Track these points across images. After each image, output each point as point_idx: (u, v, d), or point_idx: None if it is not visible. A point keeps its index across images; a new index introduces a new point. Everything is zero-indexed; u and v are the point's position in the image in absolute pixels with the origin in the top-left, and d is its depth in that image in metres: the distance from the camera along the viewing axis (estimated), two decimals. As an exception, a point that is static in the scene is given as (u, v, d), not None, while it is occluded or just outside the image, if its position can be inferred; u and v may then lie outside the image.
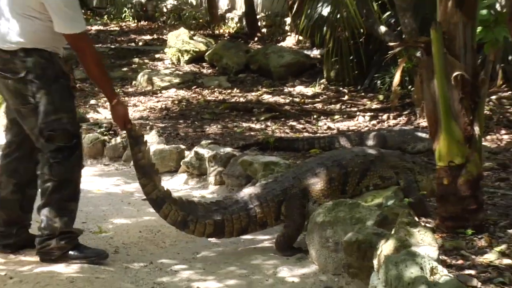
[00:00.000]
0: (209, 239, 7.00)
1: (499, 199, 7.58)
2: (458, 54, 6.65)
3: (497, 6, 8.66)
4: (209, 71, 15.30)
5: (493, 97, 11.61)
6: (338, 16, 13.18)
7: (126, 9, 24.43)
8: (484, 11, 7.42)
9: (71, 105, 6.62)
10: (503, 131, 10.45)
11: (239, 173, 8.48)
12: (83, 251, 6.46)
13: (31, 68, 6.30)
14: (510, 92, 12.16)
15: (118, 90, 12.90)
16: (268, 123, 11.42)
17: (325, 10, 13.83)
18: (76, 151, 6.48)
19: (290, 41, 16.29)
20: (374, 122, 11.38)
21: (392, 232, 5.37)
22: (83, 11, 6.96)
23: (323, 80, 13.99)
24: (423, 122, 8.53)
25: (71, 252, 6.43)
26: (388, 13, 12.51)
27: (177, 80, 14.31)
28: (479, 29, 6.73)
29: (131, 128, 6.79)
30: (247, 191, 7.04)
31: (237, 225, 6.76)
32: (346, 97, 13.02)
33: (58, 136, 6.36)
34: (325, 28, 13.90)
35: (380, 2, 12.54)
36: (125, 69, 16.66)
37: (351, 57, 13.36)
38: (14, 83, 6.35)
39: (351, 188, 6.91)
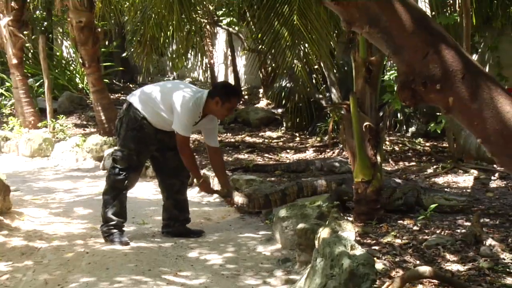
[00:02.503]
0: (208, 230, 7.04)
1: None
2: (366, 112, 6.69)
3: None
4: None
5: (388, 138, 11.66)
6: (293, 87, 13.27)
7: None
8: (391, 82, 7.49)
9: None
10: (394, 160, 10.51)
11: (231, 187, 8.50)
12: (118, 236, 6.39)
13: None
14: (398, 135, 12.24)
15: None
16: (249, 155, 11.41)
17: (285, 83, 13.94)
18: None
19: (262, 103, 16.30)
20: (316, 154, 11.38)
21: (327, 223, 5.38)
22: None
23: (283, 128, 13.98)
24: (346, 154, 8.55)
25: (114, 235, 6.39)
26: (324, 85, 12.53)
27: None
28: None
29: (215, 192, 7.33)
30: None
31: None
32: (298, 139, 13.02)
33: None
34: (283, 95, 13.99)
35: (320, 78, 12.56)
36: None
37: (300, 113, 13.38)
38: None
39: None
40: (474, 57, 11.43)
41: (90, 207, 7.94)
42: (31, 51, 18.39)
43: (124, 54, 19.26)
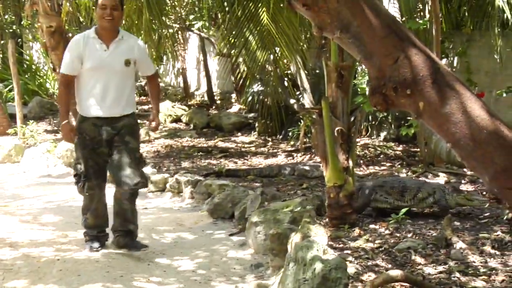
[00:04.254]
0: (181, 236, 7.01)
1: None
2: (338, 116, 6.72)
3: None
4: (185, 127, 15.27)
5: (360, 143, 11.72)
6: (265, 92, 13.30)
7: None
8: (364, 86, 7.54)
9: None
10: (366, 165, 10.56)
11: (203, 191, 8.48)
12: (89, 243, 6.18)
13: None
14: (370, 139, 12.31)
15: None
16: (221, 160, 11.40)
17: (257, 88, 13.95)
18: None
19: (235, 108, 16.32)
20: (288, 159, 11.40)
21: (299, 228, 5.41)
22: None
23: (255, 133, 13.99)
24: (318, 159, 8.57)
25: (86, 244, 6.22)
26: (296, 90, 12.55)
27: (164, 133, 14.26)
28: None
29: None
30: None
31: None
32: (270, 143, 13.03)
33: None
34: (255, 100, 14.01)
35: (291, 83, 12.58)
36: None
37: (272, 118, 13.41)
38: None
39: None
40: (444, 62, 11.52)
41: (61, 213, 7.87)
42: (0, 56, 18.22)
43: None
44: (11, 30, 19.40)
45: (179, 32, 16.53)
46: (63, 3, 11.85)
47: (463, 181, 8.79)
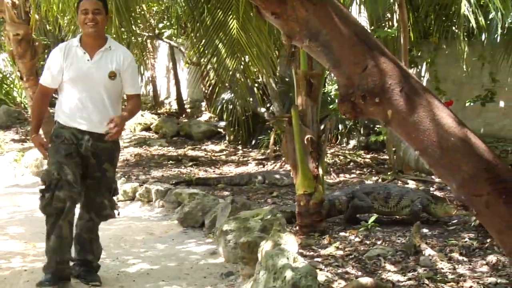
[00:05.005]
0: (151, 245, 6.98)
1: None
2: (308, 125, 6.75)
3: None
4: (154, 136, 15.24)
5: (330, 151, 11.77)
6: (235, 100, 13.32)
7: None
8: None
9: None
10: (336, 173, 10.61)
11: (173, 200, 8.47)
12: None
13: None
14: (340, 147, 12.37)
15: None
16: (191, 168, 11.39)
17: (227, 97, 13.94)
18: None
19: (205, 117, 16.33)
20: (258, 167, 11.41)
21: (270, 236, 5.41)
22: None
23: (225, 141, 14.01)
24: (288, 167, 8.59)
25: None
26: (266, 99, 12.59)
27: (134, 142, 14.22)
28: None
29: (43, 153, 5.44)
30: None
31: None
32: (240, 152, 13.05)
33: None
34: (225, 108, 14.01)
35: (261, 91, 12.61)
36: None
37: (242, 126, 13.44)
38: None
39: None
40: (412, 71, 11.62)
41: (28, 223, 7.80)
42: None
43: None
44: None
45: (149, 41, 16.50)
46: (31, 11, 11.76)
47: (431, 188, 8.86)
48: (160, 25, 16.25)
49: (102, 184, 5.28)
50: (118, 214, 5.64)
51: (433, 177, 9.24)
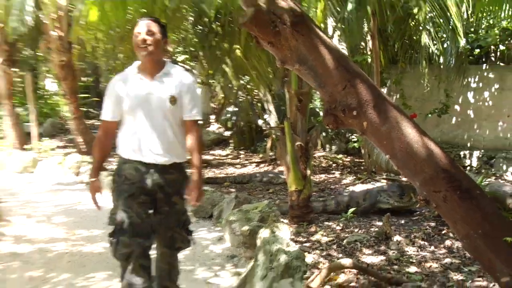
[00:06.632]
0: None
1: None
2: (298, 133, 6.74)
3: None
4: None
5: (316, 155, 11.75)
6: (239, 114, 13.30)
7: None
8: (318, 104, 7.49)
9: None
10: (320, 173, 10.57)
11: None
12: None
13: None
14: (324, 152, 12.33)
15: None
16: (202, 170, 11.35)
17: (232, 110, 13.94)
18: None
19: (214, 127, 16.30)
20: (257, 168, 11.38)
21: (267, 225, 5.39)
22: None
23: (230, 147, 13.99)
24: (282, 168, 8.58)
25: None
26: (263, 112, 12.56)
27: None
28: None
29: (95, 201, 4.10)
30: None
31: None
32: (242, 156, 13.02)
33: None
34: (230, 120, 14.00)
35: (260, 106, 12.60)
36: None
37: (244, 135, 13.40)
38: None
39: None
40: (383, 90, 11.62)
41: (70, 215, 7.77)
42: (20, 85, 18.04)
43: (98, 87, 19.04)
44: (28, 64, 19.15)
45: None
46: (72, 42, 11.78)
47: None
48: (176, 50, 16.23)
49: (171, 218, 4.07)
50: (194, 243, 4.38)
51: (400, 176, 9.22)
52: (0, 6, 11.59)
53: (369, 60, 10.32)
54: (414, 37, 10.62)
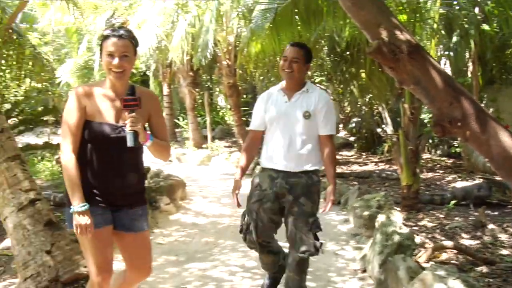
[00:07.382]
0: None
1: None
2: (410, 139, 6.53)
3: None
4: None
5: (424, 157, 11.30)
6: (362, 123, 13.06)
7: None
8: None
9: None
10: (427, 172, 10.16)
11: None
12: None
13: None
14: (430, 156, 11.81)
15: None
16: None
17: (357, 120, 13.69)
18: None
19: (342, 134, 16.15)
20: (376, 166, 11.13)
21: (383, 211, 5.28)
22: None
23: (355, 149, 13.75)
24: (396, 166, 8.34)
25: None
26: (383, 124, 12.25)
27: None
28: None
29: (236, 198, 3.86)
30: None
31: None
32: (364, 156, 12.75)
33: None
34: (355, 128, 13.74)
35: (379, 117, 12.29)
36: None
37: (366, 140, 13.13)
38: None
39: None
40: (482, 105, 10.94)
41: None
42: (200, 101, 19.00)
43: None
44: (206, 85, 20.12)
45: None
46: (237, 69, 12.22)
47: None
48: (314, 74, 16.29)
49: (299, 219, 3.51)
50: (322, 252, 3.64)
51: (494, 176, 8.63)
52: (188, 44, 12.28)
53: (470, 81, 9.77)
54: (508, 63, 9.92)
